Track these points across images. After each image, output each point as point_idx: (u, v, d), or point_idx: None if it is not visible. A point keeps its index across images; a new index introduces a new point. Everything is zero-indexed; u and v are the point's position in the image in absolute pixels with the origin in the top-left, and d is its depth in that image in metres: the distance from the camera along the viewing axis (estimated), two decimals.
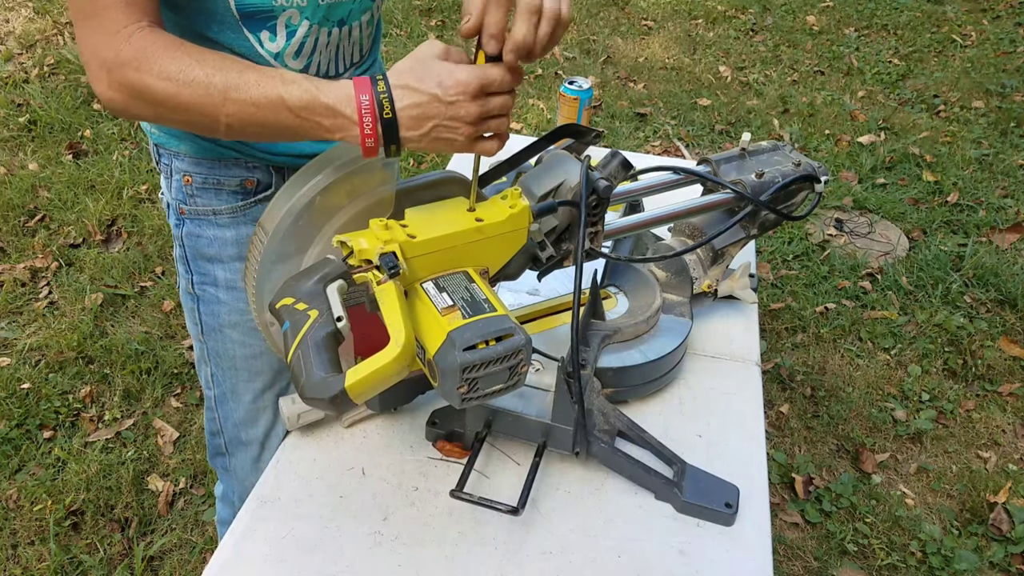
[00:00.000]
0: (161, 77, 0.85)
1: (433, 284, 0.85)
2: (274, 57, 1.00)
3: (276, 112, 0.84)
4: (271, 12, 0.96)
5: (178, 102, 0.85)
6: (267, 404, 1.28)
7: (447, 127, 0.82)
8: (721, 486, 0.99)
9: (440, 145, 0.84)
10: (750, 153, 1.24)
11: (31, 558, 1.89)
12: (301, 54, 1.02)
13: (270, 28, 0.98)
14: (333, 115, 0.83)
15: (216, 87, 0.84)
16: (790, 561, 1.97)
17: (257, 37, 0.98)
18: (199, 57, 0.86)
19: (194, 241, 1.15)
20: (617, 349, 1.12)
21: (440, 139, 0.83)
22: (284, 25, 0.98)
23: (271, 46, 0.99)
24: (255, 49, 0.98)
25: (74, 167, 3.29)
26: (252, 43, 0.98)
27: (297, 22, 0.98)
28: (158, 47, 0.85)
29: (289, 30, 0.99)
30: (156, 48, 0.85)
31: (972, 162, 3.52)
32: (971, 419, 2.36)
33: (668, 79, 4.29)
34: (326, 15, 1.00)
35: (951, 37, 4.72)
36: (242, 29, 0.97)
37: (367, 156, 0.84)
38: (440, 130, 0.82)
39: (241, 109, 0.85)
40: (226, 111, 0.85)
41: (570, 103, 1.72)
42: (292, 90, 0.83)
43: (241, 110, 0.85)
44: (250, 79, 0.84)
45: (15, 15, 4.41)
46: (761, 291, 2.78)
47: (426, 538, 0.94)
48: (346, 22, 1.04)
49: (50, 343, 2.47)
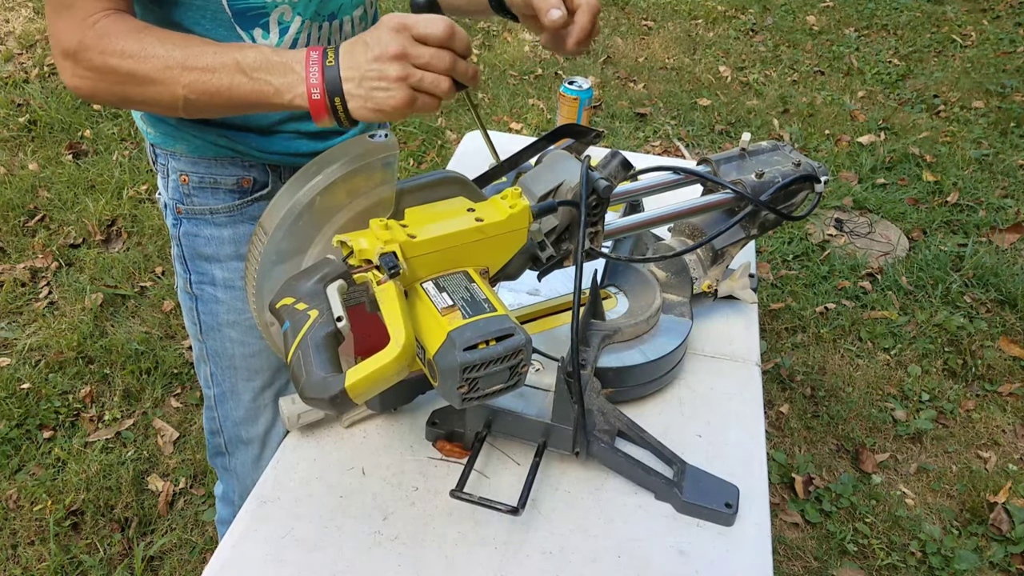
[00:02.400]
0: (123, 56, 0.87)
1: (433, 284, 0.85)
2: None
3: (231, 76, 0.85)
4: (263, 9, 0.96)
5: (139, 77, 0.87)
6: (267, 402, 1.28)
7: (376, 71, 0.80)
8: (721, 486, 0.99)
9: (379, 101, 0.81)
10: (750, 153, 1.24)
11: (31, 558, 1.89)
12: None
13: (263, 25, 0.98)
14: (283, 72, 0.83)
15: (175, 59, 0.86)
16: (790, 561, 1.97)
17: (250, 35, 0.98)
18: (162, 36, 0.88)
19: (191, 240, 1.15)
20: (617, 349, 1.12)
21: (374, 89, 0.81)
22: (276, 22, 0.98)
23: (264, 43, 0.99)
24: None
25: (74, 167, 3.29)
26: (245, 40, 0.98)
27: (289, 18, 0.99)
28: (121, 30, 0.88)
29: (282, 27, 0.99)
30: (119, 31, 0.87)
31: (972, 162, 3.52)
32: (971, 419, 2.36)
33: (668, 79, 4.29)
34: (317, 10, 1.00)
35: (951, 37, 4.72)
36: (235, 27, 0.97)
37: (316, 113, 0.83)
38: (370, 77, 0.80)
39: (198, 77, 0.86)
40: (183, 80, 0.86)
41: (570, 103, 1.72)
42: (248, 53, 0.85)
43: (198, 78, 0.86)
44: (208, 49, 0.86)
45: (15, 15, 4.41)
46: (761, 291, 2.78)
47: (426, 538, 0.94)
48: (337, 16, 1.04)
49: (50, 343, 2.47)
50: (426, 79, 0.80)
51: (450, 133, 3.69)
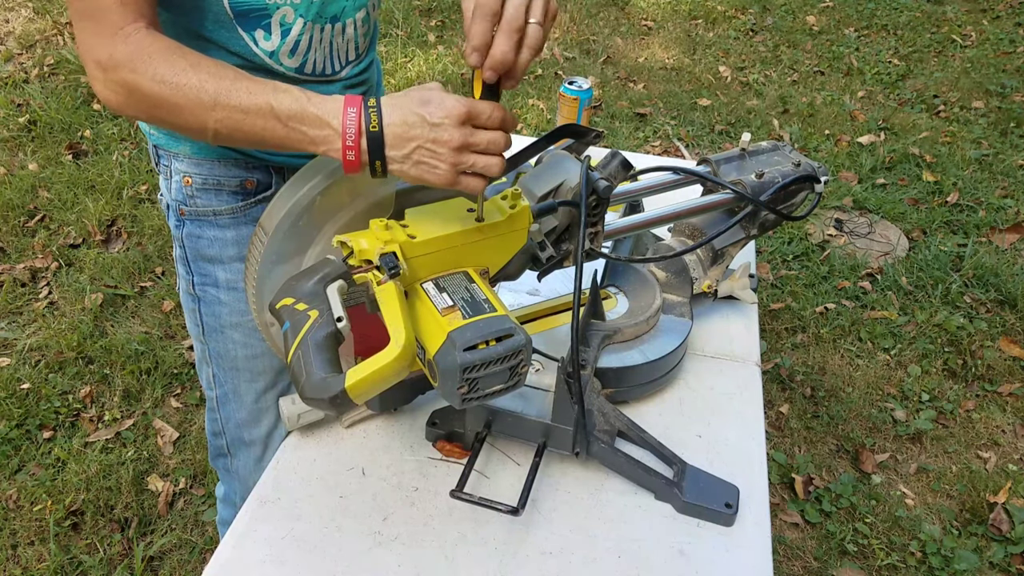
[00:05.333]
0: (155, 80, 0.85)
1: (433, 284, 0.85)
2: (269, 55, 1.00)
3: (264, 120, 0.84)
4: (265, 10, 0.96)
5: (170, 105, 0.86)
6: (269, 404, 1.28)
7: (429, 151, 0.81)
8: (721, 486, 0.99)
9: (423, 171, 0.82)
10: (750, 153, 1.24)
11: (31, 558, 1.89)
12: (296, 52, 1.02)
13: (264, 27, 0.98)
14: (320, 125, 0.82)
15: (208, 92, 0.84)
16: (790, 561, 1.97)
17: (252, 36, 0.98)
18: (195, 62, 0.86)
19: (194, 242, 1.15)
20: (617, 349, 1.12)
21: (422, 163, 0.81)
22: (278, 24, 0.98)
23: (266, 44, 0.99)
24: (250, 48, 0.99)
25: (74, 167, 3.29)
26: (247, 42, 0.98)
27: (291, 20, 0.98)
28: (154, 50, 0.86)
29: (284, 28, 0.99)
30: (152, 51, 0.86)
31: (972, 162, 3.52)
32: (971, 419, 2.36)
33: (668, 79, 4.29)
34: (319, 11, 1.00)
35: (951, 37, 4.72)
36: (236, 28, 0.97)
37: (348, 171, 0.83)
38: (422, 153, 0.81)
39: (230, 115, 0.84)
40: (215, 116, 0.85)
41: (570, 103, 1.72)
42: (282, 99, 0.83)
43: (229, 116, 0.85)
44: (242, 86, 0.84)
45: (15, 15, 4.41)
46: (761, 291, 2.78)
47: (426, 538, 0.94)
48: (339, 18, 1.03)
49: (50, 343, 2.47)
50: (478, 163, 0.82)
51: None
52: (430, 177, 0.82)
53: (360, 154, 0.81)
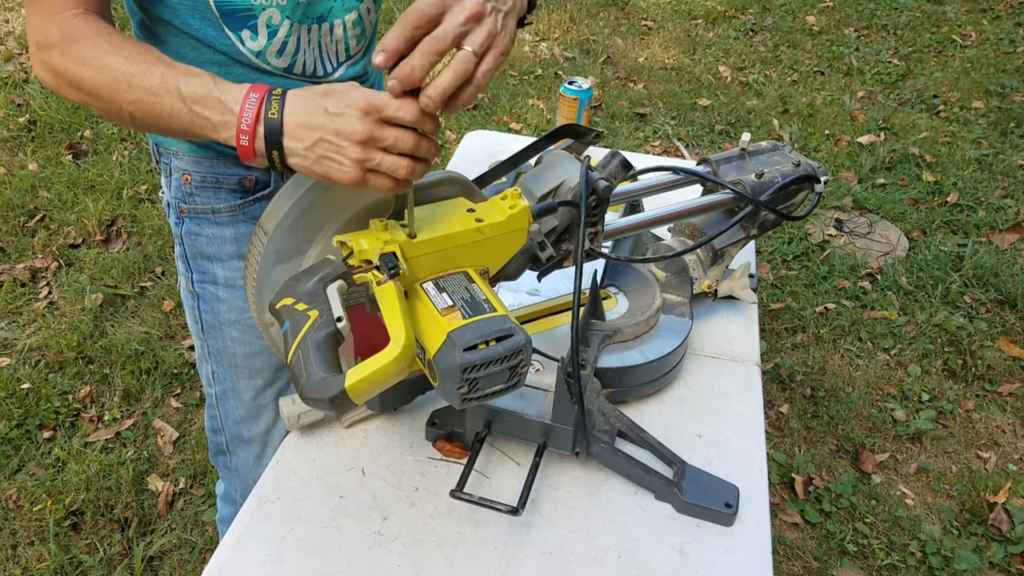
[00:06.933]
0: (79, 62, 0.86)
1: (433, 284, 0.85)
2: (256, 55, 1.00)
3: (172, 102, 0.83)
4: (251, 11, 0.96)
5: (90, 86, 0.87)
6: (268, 401, 1.28)
7: (332, 144, 0.76)
8: (721, 486, 0.99)
9: (327, 167, 0.78)
10: (750, 153, 1.24)
11: (31, 558, 1.89)
12: (284, 53, 1.02)
13: (251, 27, 0.98)
14: (221, 111, 0.81)
15: (123, 74, 0.85)
16: (790, 561, 1.97)
17: (238, 36, 0.98)
18: (118, 46, 0.86)
19: (193, 239, 1.15)
20: (617, 349, 1.12)
21: (326, 158, 0.77)
22: (265, 24, 0.98)
23: (252, 45, 0.99)
24: (236, 47, 0.99)
25: (74, 167, 3.29)
26: (233, 41, 0.98)
27: (278, 22, 0.98)
28: (84, 34, 0.87)
29: (270, 29, 0.99)
30: (82, 35, 0.87)
31: (972, 162, 3.52)
32: (971, 419, 2.37)
33: (668, 79, 4.29)
34: (305, 12, 1.00)
35: (951, 37, 4.72)
36: (223, 27, 0.97)
37: (244, 158, 0.80)
38: (325, 146, 0.77)
39: (141, 97, 0.84)
40: (128, 99, 0.85)
41: (570, 103, 1.72)
42: (191, 82, 0.82)
43: (141, 99, 0.84)
44: (156, 70, 0.84)
45: (15, 15, 4.41)
46: (761, 291, 2.78)
47: (426, 538, 0.94)
48: (326, 19, 1.03)
49: (50, 343, 2.47)
50: (385, 162, 0.77)
51: (450, 133, 3.69)
52: (335, 174, 0.78)
53: (255, 141, 0.79)
